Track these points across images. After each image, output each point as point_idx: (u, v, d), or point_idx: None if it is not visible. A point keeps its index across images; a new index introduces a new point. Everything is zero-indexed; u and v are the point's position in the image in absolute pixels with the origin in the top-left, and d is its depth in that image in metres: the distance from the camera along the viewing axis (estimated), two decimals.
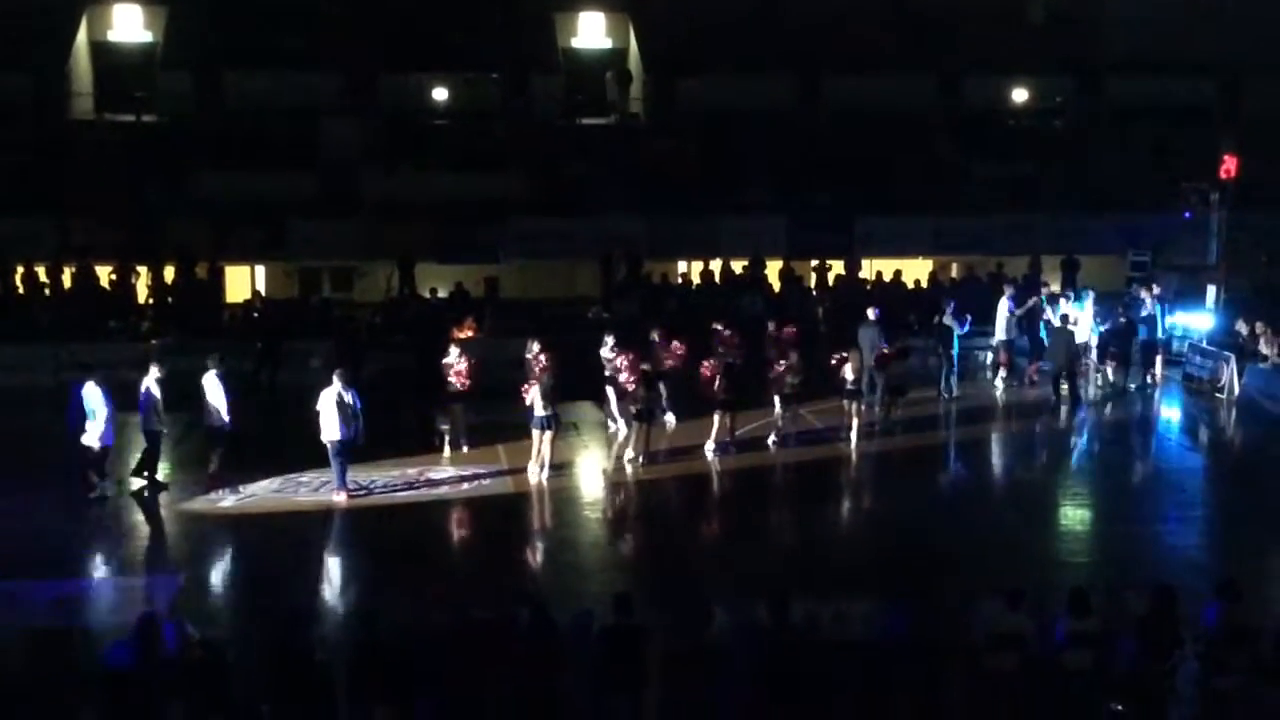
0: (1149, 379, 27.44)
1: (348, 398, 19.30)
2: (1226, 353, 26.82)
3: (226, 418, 19.98)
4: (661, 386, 22.81)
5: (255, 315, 28.69)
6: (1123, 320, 27.17)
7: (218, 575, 17.27)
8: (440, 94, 37.60)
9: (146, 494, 19.78)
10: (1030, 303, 27.71)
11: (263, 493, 19.97)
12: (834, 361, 22.91)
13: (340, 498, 19.41)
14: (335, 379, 19.45)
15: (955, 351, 26.26)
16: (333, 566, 17.70)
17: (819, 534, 18.98)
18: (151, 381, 19.80)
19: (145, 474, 20.02)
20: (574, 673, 12.07)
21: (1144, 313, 27.63)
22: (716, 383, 21.90)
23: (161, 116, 36.11)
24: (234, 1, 36.99)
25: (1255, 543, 17.92)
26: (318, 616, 13.94)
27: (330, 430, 19.20)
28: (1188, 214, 30.79)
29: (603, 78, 39.08)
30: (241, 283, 33.35)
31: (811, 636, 12.38)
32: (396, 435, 22.56)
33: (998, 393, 27.09)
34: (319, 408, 19.31)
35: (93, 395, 19.41)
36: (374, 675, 11.74)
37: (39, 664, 13.64)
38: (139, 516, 19.19)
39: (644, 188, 34.29)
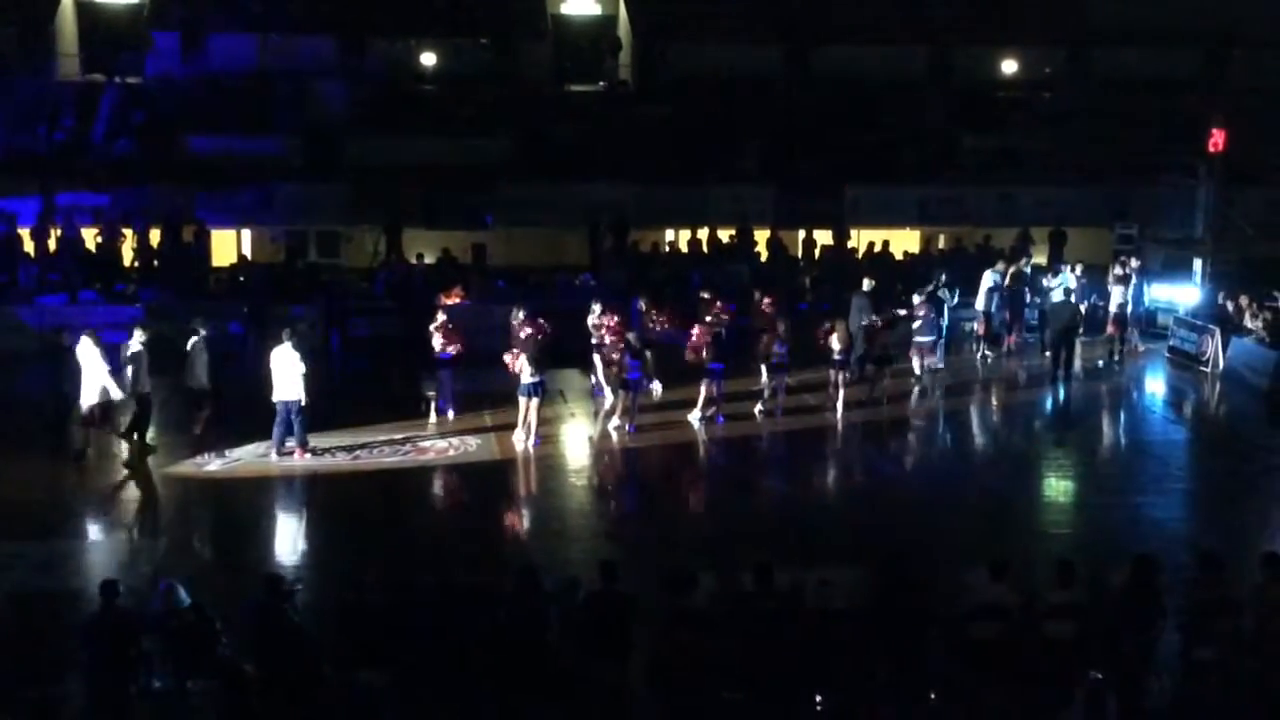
0: (1114, 353, 27.40)
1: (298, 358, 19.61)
2: (1211, 326, 26.91)
3: (207, 382, 19.97)
4: (648, 355, 22.80)
5: (241, 279, 28.57)
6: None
7: (203, 538, 17.31)
8: (429, 59, 37.41)
9: (135, 457, 19.74)
10: (1013, 269, 27.84)
11: (248, 457, 19.99)
12: (821, 331, 22.95)
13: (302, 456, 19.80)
14: (284, 338, 19.77)
15: (945, 323, 26.31)
16: (318, 531, 17.74)
17: (804, 502, 19.05)
18: (137, 345, 19.79)
19: (135, 436, 19.96)
20: (560, 639, 12.11)
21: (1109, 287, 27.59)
22: (703, 351, 21.91)
23: (147, 78, 35.87)
24: None
25: (1237, 514, 18.04)
26: (301, 580, 13.96)
27: (287, 390, 19.45)
28: (1173, 187, 30.81)
29: (591, 44, 38.89)
30: (227, 246, 33.21)
31: (795, 604, 12.40)
32: (382, 401, 22.56)
33: (981, 363, 27.14)
34: (272, 366, 19.59)
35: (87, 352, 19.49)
36: (360, 639, 11.78)
37: (26, 627, 13.64)
38: (125, 479, 19.16)
39: (632, 155, 34.20)
